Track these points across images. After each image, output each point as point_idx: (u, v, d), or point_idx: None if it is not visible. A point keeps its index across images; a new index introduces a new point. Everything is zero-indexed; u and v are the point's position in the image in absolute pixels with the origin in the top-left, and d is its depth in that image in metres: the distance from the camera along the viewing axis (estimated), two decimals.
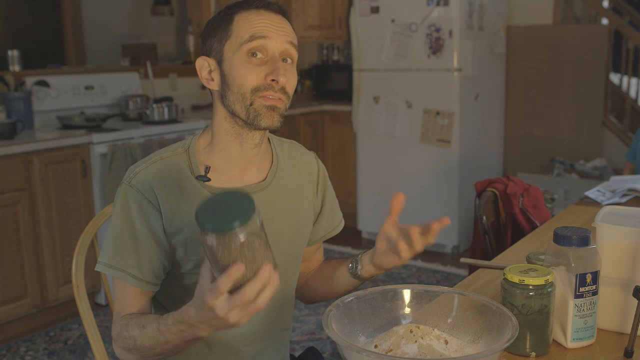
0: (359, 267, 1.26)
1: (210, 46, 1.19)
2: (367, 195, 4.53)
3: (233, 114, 1.18)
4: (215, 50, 1.19)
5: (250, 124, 1.17)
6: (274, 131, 1.24)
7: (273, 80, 1.14)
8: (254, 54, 1.15)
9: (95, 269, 1.20)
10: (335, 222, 1.43)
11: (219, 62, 1.18)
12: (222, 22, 1.18)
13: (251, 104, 1.15)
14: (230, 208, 0.73)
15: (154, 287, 1.19)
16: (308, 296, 1.45)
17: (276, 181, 1.28)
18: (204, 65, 1.20)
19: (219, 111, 1.21)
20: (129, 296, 1.18)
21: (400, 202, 1.15)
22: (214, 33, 1.19)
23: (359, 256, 1.28)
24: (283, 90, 1.16)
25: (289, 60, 1.18)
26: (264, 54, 1.15)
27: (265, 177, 1.27)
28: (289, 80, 1.17)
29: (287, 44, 1.17)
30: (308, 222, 1.35)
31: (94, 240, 1.42)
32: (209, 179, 1.20)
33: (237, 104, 1.16)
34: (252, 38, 1.14)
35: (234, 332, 1.28)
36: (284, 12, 1.21)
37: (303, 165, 1.35)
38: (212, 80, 1.20)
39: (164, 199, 1.18)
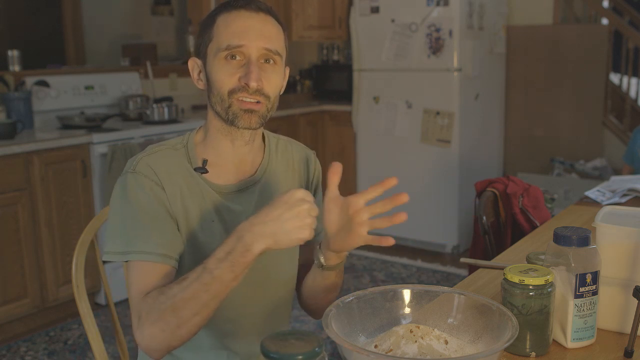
0: (322, 259, 1.17)
1: (199, 47, 1.23)
2: None
3: (218, 114, 1.20)
4: (202, 52, 1.22)
5: (230, 124, 1.19)
6: (274, 130, 1.24)
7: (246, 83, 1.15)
8: (232, 57, 1.16)
9: (105, 259, 1.16)
10: (319, 228, 1.41)
11: (204, 64, 1.22)
12: (207, 24, 1.21)
13: (229, 106, 1.17)
14: (299, 344, 0.75)
15: (177, 263, 1.17)
16: (310, 309, 1.40)
17: (267, 176, 1.29)
18: (194, 66, 1.25)
19: (210, 110, 1.23)
20: (152, 276, 1.11)
21: (336, 173, 1.06)
22: (201, 34, 1.22)
23: (318, 248, 1.20)
24: (259, 92, 1.16)
25: (271, 61, 1.19)
26: (241, 56, 1.17)
27: (255, 172, 1.28)
28: (268, 81, 1.17)
29: (263, 50, 1.17)
30: None
31: (94, 240, 1.42)
32: (207, 171, 1.22)
33: (217, 105, 1.19)
34: (228, 47, 1.16)
35: (230, 332, 1.28)
36: (266, 10, 1.20)
37: (297, 161, 1.36)
38: (201, 80, 1.24)
39: (167, 182, 1.19)
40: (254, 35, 1.16)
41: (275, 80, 1.19)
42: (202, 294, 1.03)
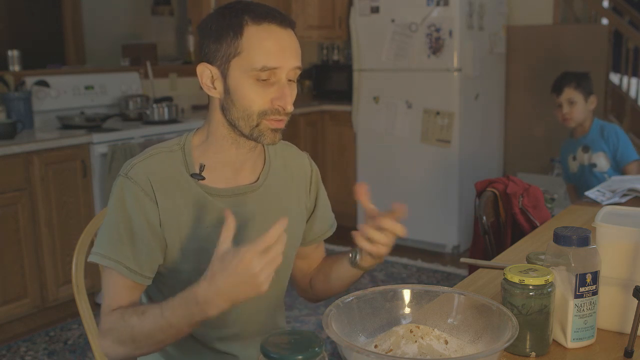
0: (359, 257, 1.27)
1: (214, 54, 1.15)
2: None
3: (234, 126, 1.18)
4: (219, 61, 1.15)
5: (253, 140, 1.18)
6: None
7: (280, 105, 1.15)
8: (264, 78, 1.14)
9: (89, 260, 1.20)
10: (328, 225, 1.43)
11: (224, 75, 1.16)
12: (229, 30, 1.13)
13: (257, 125, 1.16)
14: (299, 345, 0.75)
15: (147, 280, 1.19)
16: (314, 295, 1.45)
17: (268, 182, 1.28)
18: (205, 72, 1.18)
19: (218, 117, 1.20)
20: (121, 288, 1.17)
21: (363, 193, 1.19)
22: (218, 39, 1.14)
23: (354, 247, 1.27)
24: (287, 113, 1.17)
25: (294, 79, 1.19)
26: (272, 77, 1.15)
27: (257, 179, 1.27)
28: (292, 99, 1.18)
29: (295, 69, 1.17)
30: (300, 223, 1.35)
31: (94, 240, 1.42)
32: (204, 178, 1.21)
33: (241, 121, 1.16)
34: (264, 69, 1.13)
35: (226, 333, 1.28)
36: (292, 25, 1.19)
37: (295, 166, 1.36)
38: (215, 88, 1.18)
39: (160, 191, 1.18)
40: (288, 56, 1.15)
41: (295, 96, 1.20)
42: (159, 333, 1.08)
